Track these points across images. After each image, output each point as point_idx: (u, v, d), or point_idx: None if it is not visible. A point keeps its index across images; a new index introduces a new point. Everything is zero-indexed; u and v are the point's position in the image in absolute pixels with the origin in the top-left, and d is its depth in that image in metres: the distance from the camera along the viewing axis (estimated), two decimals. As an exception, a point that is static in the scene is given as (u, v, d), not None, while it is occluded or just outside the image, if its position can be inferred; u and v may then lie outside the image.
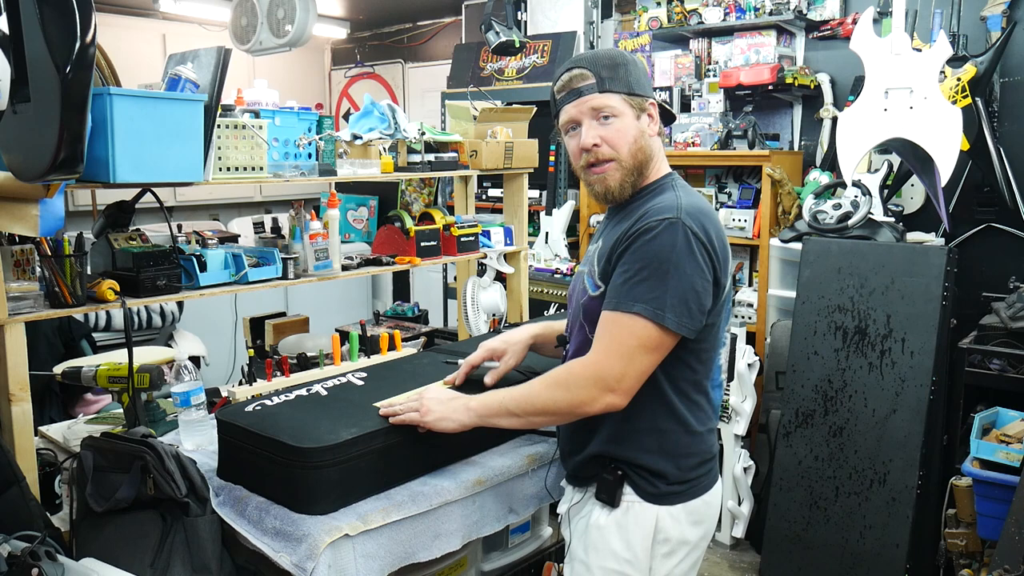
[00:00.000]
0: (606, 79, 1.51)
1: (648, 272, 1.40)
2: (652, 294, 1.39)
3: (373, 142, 2.41)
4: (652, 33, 4.08)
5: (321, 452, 1.47)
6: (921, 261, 2.88)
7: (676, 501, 1.51)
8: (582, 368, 1.44)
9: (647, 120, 1.55)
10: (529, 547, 2.70)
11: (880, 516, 2.83)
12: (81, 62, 1.40)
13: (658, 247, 1.41)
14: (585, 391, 1.43)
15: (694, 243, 1.41)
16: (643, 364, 1.42)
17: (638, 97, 1.53)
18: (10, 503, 1.63)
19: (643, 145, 1.54)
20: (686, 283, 1.40)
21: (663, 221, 1.42)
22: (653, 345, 1.41)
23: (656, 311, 1.39)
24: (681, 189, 1.53)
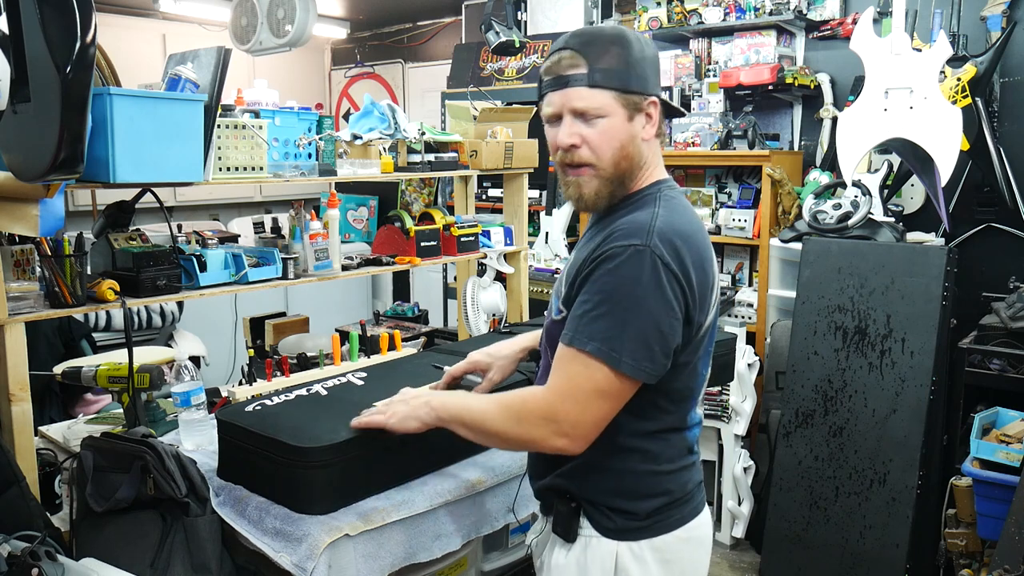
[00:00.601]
0: (598, 71, 1.30)
1: (608, 307, 1.23)
2: (609, 333, 1.22)
3: (373, 142, 2.42)
4: (652, 33, 4.08)
5: (321, 452, 1.46)
6: (921, 261, 2.88)
7: (639, 537, 1.34)
8: (536, 404, 1.29)
9: (643, 121, 1.34)
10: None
11: (880, 516, 2.83)
12: (81, 62, 1.41)
13: (620, 278, 1.23)
14: (537, 430, 1.28)
15: (663, 274, 1.22)
16: (600, 410, 1.26)
17: (635, 95, 1.31)
18: (10, 503, 1.63)
19: (631, 152, 1.34)
20: (649, 322, 1.22)
21: (629, 247, 1.23)
22: (610, 391, 1.24)
23: (611, 353, 1.22)
24: (665, 203, 1.32)
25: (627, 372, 1.23)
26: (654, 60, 1.36)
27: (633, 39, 1.33)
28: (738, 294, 3.67)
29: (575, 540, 1.36)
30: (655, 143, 1.39)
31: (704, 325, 1.32)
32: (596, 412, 1.26)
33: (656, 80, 1.37)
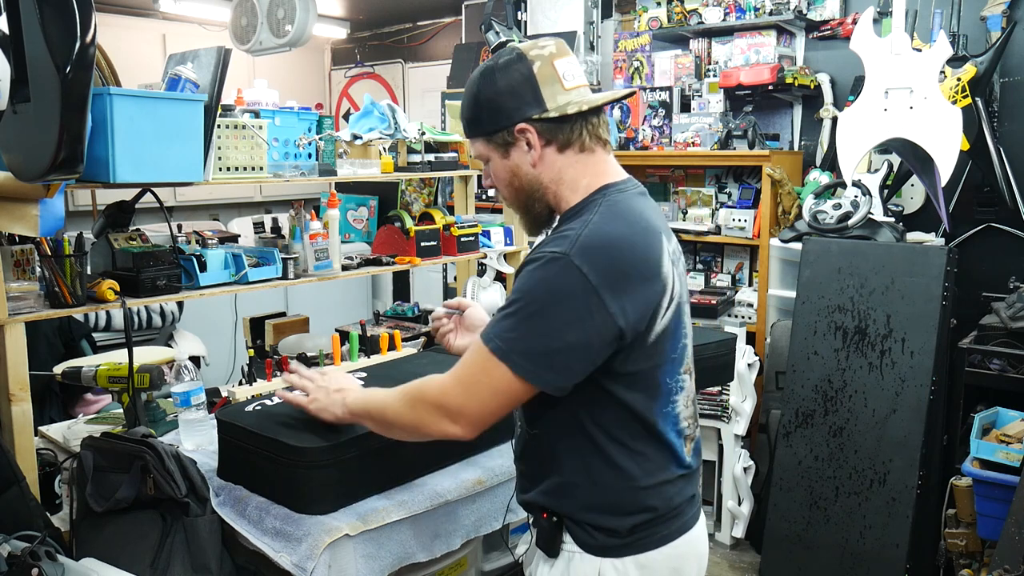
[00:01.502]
0: (467, 124, 1.36)
1: (516, 308, 1.22)
2: (512, 334, 1.21)
3: (373, 142, 2.42)
4: (652, 33, 4.08)
5: (321, 452, 1.47)
6: (921, 261, 2.88)
7: (623, 553, 1.30)
8: (430, 390, 1.31)
9: (524, 150, 1.31)
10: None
11: (880, 516, 2.83)
12: (81, 62, 1.41)
13: (533, 284, 1.22)
14: (427, 415, 1.30)
15: (578, 288, 1.18)
16: (488, 404, 1.25)
17: (498, 132, 1.31)
18: (10, 503, 1.63)
19: (522, 183, 1.33)
20: (553, 331, 1.20)
21: (548, 255, 1.21)
22: (503, 389, 1.23)
23: (510, 355, 1.21)
24: (603, 210, 1.27)
25: (522, 376, 1.21)
26: (513, 87, 1.29)
27: (480, 80, 1.32)
28: (738, 294, 3.67)
29: (558, 556, 1.33)
30: (568, 158, 1.32)
31: (654, 330, 1.26)
32: (485, 404, 1.26)
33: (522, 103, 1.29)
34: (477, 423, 1.27)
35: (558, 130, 1.30)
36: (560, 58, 1.31)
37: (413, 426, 1.33)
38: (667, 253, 1.29)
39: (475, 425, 1.27)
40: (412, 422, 1.33)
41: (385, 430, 1.40)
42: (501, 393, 1.24)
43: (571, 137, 1.31)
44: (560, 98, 1.29)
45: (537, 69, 1.29)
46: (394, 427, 1.38)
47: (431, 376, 1.33)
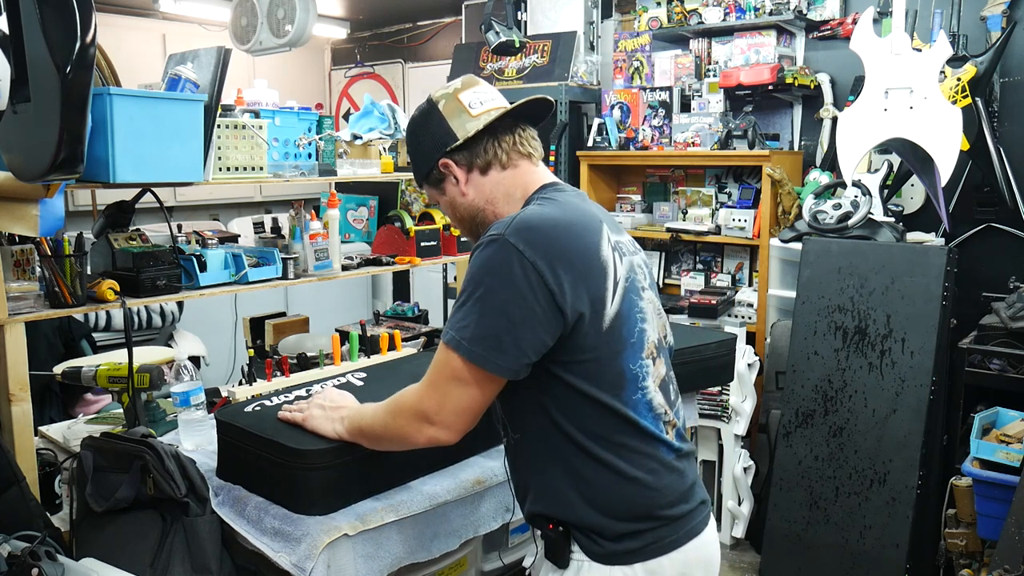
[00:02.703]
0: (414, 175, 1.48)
1: (464, 297, 1.25)
2: (463, 322, 1.24)
3: (373, 142, 2.42)
4: (652, 33, 4.08)
5: (320, 453, 1.46)
6: (921, 261, 2.88)
7: (630, 560, 1.29)
8: (407, 398, 1.33)
9: (452, 182, 1.40)
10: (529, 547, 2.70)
11: (880, 516, 2.83)
12: (81, 62, 1.41)
13: (475, 269, 1.25)
14: (407, 422, 1.32)
15: (516, 263, 1.21)
16: (460, 399, 1.26)
17: (430, 173, 1.42)
18: (10, 503, 1.63)
19: (461, 213, 1.43)
20: (498, 313, 1.21)
21: (487, 240, 1.25)
22: (466, 379, 1.24)
23: (461, 342, 1.23)
24: (539, 202, 1.34)
25: (476, 363, 1.23)
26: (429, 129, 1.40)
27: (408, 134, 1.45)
28: (738, 294, 3.67)
29: (567, 566, 1.32)
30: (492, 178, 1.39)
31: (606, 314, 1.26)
32: (457, 400, 1.26)
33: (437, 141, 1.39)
34: (455, 423, 1.28)
35: (473, 155, 1.38)
36: (465, 90, 1.40)
37: (399, 437, 1.35)
38: (606, 238, 1.31)
39: (453, 426, 1.28)
40: (397, 433, 1.35)
41: (377, 445, 1.44)
42: (467, 384, 1.25)
43: (488, 158, 1.38)
44: (469, 125, 1.37)
45: (443, 107, 1.39)
46: (383, 440, 1.41)
47: (407, 388, 1.35)
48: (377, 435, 1.40)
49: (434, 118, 1.40)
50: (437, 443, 1.30)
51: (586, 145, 4.28)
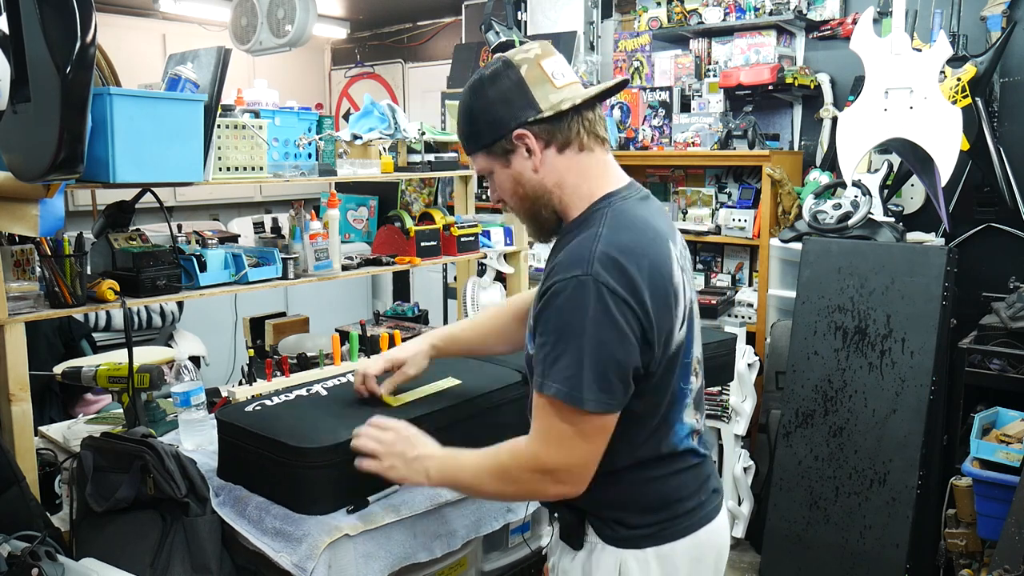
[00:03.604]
0: (465, 140, 1.35)
1: (563, 346, 1.20)
2: (568, 372, 1.19)
3: (373, 142, 2.42)
4: (652, 33, 4.08)
5: (321, 452, 1.46)
6: (921, 261, 2.88)
7: (644, 544, 1.33)
8: (524, 460, 1.28)
9: (524, 156, 1.30)
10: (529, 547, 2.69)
11: (880, 516, 2.83)
12: (81, 62, 1.41)
13: (569, 315, 1.20)
14: (532, 485, 1.29)
15: (610, 301, 1.18)
16: (585, 451, 1.25)
17: (497, 142, 1.30)
18: (10, 503, 1.63)
19: (527, 191, 1.33)
20: (604, 355, 1.19)
21: (571, 279, 1.19)
22: (587, 431, 1.23)
23: (573, 394, 1.19)
24: (608, 222, 1.26)
25: (600, 411, 1.21)
26: (504, 94, 1.28)
27: (471, 94, 1.32)
28: (738, 294, 3.67)
29: (581, 547, 1.36)
30: (568, 158, 1.31)
31: (674, 340, 1.27)
32: (583, 453, 1.25)
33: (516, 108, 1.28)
34: (584, 476, 1.26)
35: (555, 129, 1.29)
36: (547, 58, 1.30)
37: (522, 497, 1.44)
38: (675, 260, 1.30)
39: (583, 478, 1.26)
40: (519, 494, 1.40)
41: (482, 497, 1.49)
42: (588, 435, 1.23)
43: (569, 136, 1.30)
44: (552, 96, 1.28)
45: (525, 72, 1.28)
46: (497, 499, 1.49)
47: (514, 445, 1.30)
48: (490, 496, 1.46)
49: (512, 82, 1.28)
50: (567, 497, 1.28)
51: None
